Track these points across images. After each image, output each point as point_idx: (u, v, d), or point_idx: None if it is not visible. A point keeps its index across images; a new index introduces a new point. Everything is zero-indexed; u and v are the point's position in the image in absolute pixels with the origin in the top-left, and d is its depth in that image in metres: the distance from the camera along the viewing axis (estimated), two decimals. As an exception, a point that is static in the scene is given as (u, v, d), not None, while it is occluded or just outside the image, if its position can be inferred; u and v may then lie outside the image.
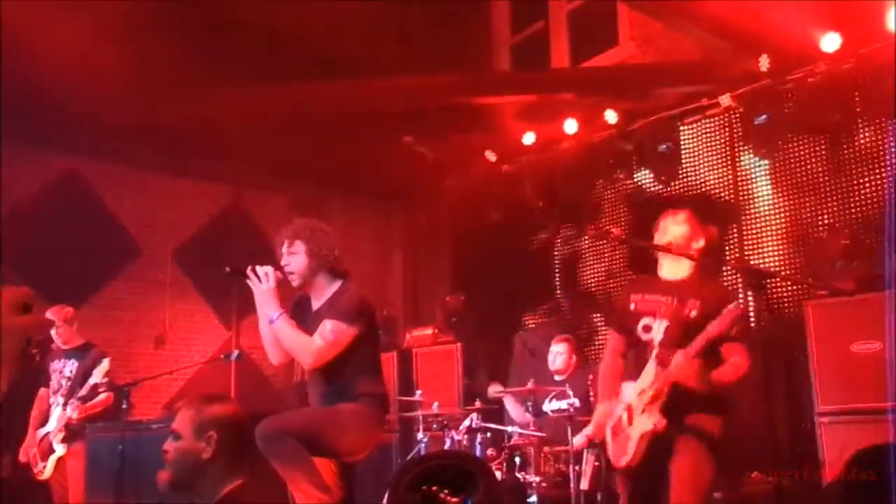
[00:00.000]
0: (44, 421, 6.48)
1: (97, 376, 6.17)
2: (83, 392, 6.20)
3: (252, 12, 7.27)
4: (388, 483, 5.71)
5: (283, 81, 7.77)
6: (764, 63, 6.59)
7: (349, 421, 4.11)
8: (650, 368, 3.90)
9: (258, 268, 4.25)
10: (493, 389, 7.06)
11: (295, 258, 4.28)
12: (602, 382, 4.27)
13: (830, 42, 6.30)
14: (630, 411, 3.94)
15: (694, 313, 3.91)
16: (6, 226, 7.84)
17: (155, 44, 6.73)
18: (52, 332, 6.58)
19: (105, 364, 6.22)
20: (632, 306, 4.11)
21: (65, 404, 6.32)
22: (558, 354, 6.89)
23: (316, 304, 4.36)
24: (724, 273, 6.73)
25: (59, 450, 6.29)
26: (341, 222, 9.39)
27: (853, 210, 6.43)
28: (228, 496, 2.83)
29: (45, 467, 6.35)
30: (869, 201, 6.35)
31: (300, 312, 4.40)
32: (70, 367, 6.50)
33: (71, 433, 6.30)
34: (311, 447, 4.00)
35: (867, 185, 6.39)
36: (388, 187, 9.54)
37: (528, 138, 8.29)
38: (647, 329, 4.01)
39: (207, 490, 2.85)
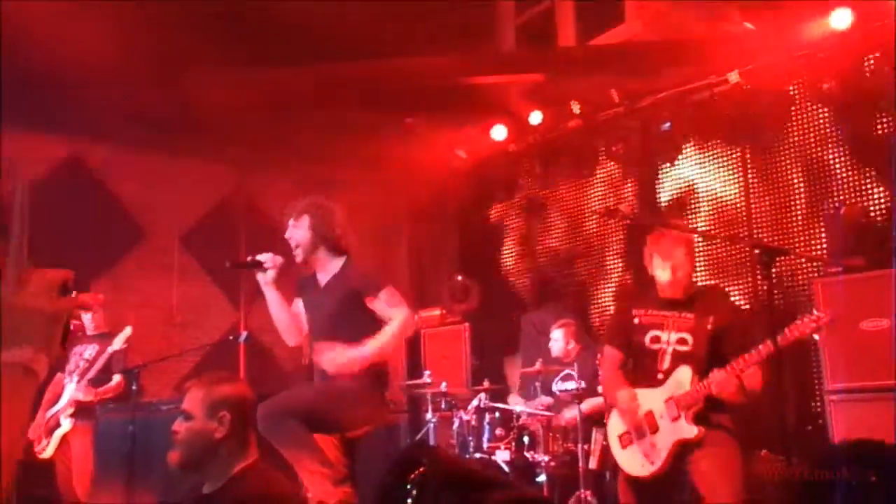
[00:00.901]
0: (54, 403, 6.50)
1: (117, 343, 6.19)
2: (100, 364, 6.22)
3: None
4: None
5: (287, 64, 7.73)
6: (773, 38, 6.53)
7: (348, 395, 4.15)
8: (682, 377, 3.89)
9: (259, 256, 4.35)
10: (513, 401, 7.03)
11: (298, 231, 4.38)
12: (607, 391, 4.28)
13: (841, 18, 6.23)
14: (653, 418, 3.93)
15: (709, 327, 3.96)
16: (11, 209, 7.86)
17: (159, 27, 6.70)
18: (87, 316, 6.63)
19: (127, 330, 6.24)
20: (636, 321, 4.11)
21: (79, 381, 6.33)
22: (555, 341, 6.88)
23: (323, 279, 4.41)
24: (736, 249, 6.72)
25: (66, 425, 6.27)
26: (346, 203, 9.36)
27: (866, 186, 6.38)
28: (239, 475, 2.84)
29: (47, 444, 6.31)
30: (880, 176, 6.30)
31: (306, 289, 4.46)
32: (90, 350, 6.51)
33: (79, 411, 6.30)
34: (313, 424, 4.03)
35: (879, 158, 6.34)
36: (393, 168, 9.50)
37: (535, 118, 8.23)
38: (656, 340, 4.03)
39: (218, 469, 2.85)
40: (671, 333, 3.98)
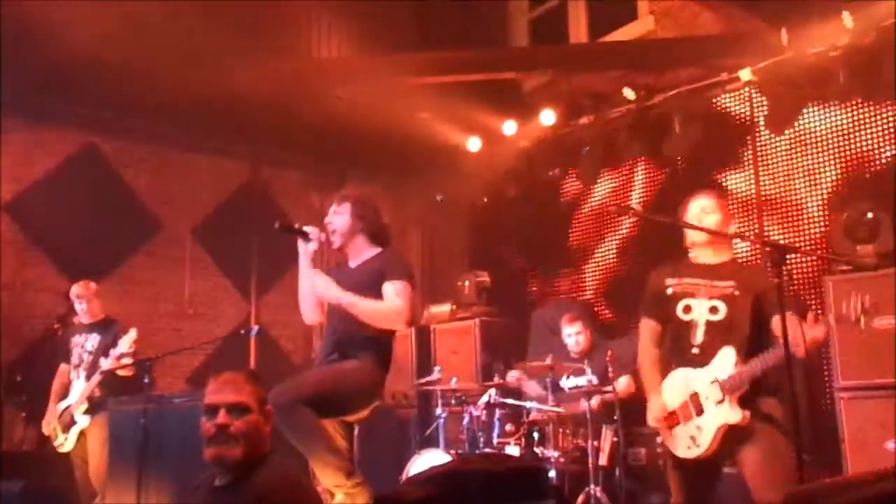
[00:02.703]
0: (64, 395, 6.52)
1: (124, 346, 6.12)
2: (107, 364, 6.17)
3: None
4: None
5: (299, 57, 7.76)
6: (785, 37, 6.52)
7: (352, 377, 4.20)
8: (726, 358, 3.81)
9: (305, 227, 4.41)
10: (512, 375, 7.04)
11: (339, 217, 4.46)
12: (646, 374, 4.16)
13: (848, 18, 6.21)
14: (698, 400, 3.87)
15: (737, 293, 3.87)
16: (28, 202, 7.91)
17: (174, 19, 6.73)
18: (79, 306, 6.60)
19: (132, 333, 6.19)
20: (668, 291, 4.04)
21: (87, 377, 6.35)
22: (572, 335, 6.87)
23: (353, 263, 4.48)
24: (746, 249, 6.71)
25: (82, 421, 6.32)
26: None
27: (876, 184, 6.36)
28: (254, 466, 2.82)
29: (66, 440, 6.40)
30: (893, 175, 6.29)
31: (336, 272, 4.50)
32: (92, 341, 6.51)
33: (93, 406, 6.34)
34: (321, 409, 4.06)
35: (891, 158, 6.33)
36: (405, 163, 9.52)
37: (547, 118, 8.21)
38: (688, 310, 3.96)
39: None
40: (702, 301, 3.91)
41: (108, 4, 6.12)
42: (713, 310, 3.90)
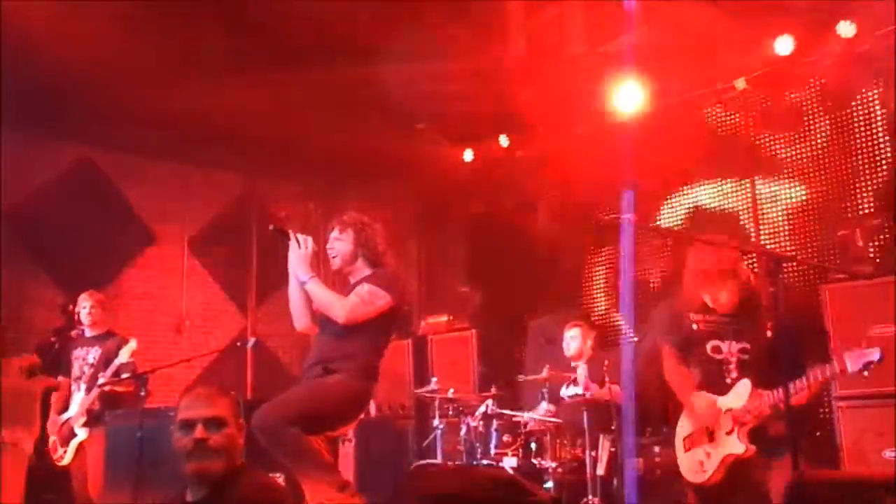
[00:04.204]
0: (64, 407, 6.50)
1: (123, 356, 6.17)
2: (107, 375, 6.19)
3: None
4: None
5: (295, 69, 7.74)
6: (780, 45, 6.54)
7: (336, 392, 4.19)
8: (742, 390, 3.85)
9: (299, 235, 4.42)
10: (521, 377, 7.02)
11: (341, 243, 4.51)
12: (679, 389, 4.16)
13: (846, 27, 6.24)
14: (711, 428, 3.90)
15: (767, 333, 3.96)
16: (23, 214, 7.90)
17: (168, 34, 6.73)
18: (84, 314, 6.60)
19: (132, 344, 6.23)
20: (694, 326, 4.07)
21: (87, 389, 6.34)
22: (572, 340, 6.85)
23: (353, 281, 4.50)
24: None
25: (81, 434, 6.31)
26: (355, 210, 9.37)
27: (872, 193, 6.36)
28: (228, 479, 2.78)
29: (65, 453, 6.37)
30: (889, 184, 6.28)
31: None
32: (93, 353, 6.51)
33: (92, 418, 6.32)
34: (308, 426, 4.05)
35: (886, 167, 6.33)
36: (402, 174, 9.52)
37: (541, 125, 8.23)
38: (717, 350, 4.01)
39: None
40: (732, 343, 3.97)
41: (96, 16, 6.12)
42: (743, 350, 3.97)
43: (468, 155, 8.93)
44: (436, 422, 7.01)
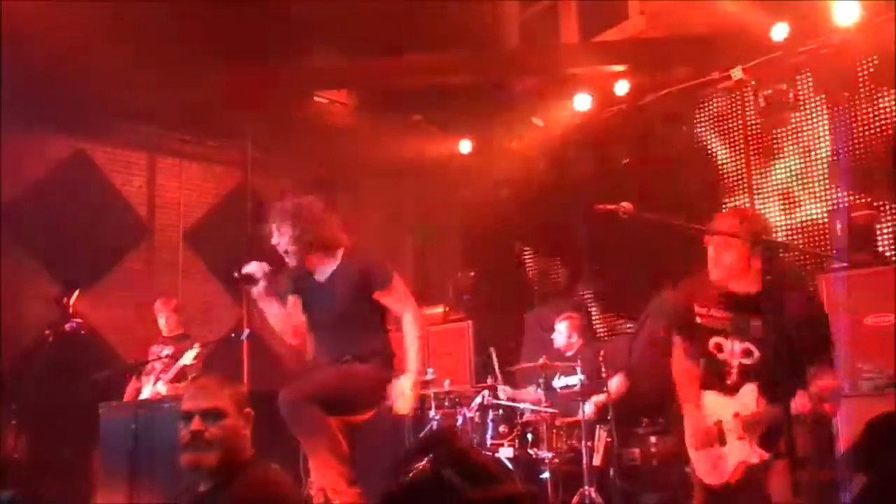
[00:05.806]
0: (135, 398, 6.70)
1: (187, 359, 6.37)
2: (169, 375, 6.43)
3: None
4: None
5: (293, 61, 7.73)
6: (776, 34, 6.52)
7: (363, 380, 4.22)
8: (749, 397, 3.78)
9: (246, 269, 4.28)
10: (503, 391, 6.95)
11: (283, 238, 4.30)
12: (681, 385, 4.06)
13: (847, 13, 6.20)
14: (722, 429, 3.82)
15: (775, 335, 3.71)
16: (17, 208, 7.86)
17: (164, 25, 6.70)
18: (162, 323, 7.00)
19: (196, 348, 6.42)
20: (697, 319, 3.96)
21: (154, 382, 6.55)
22: (559, 334, 6.87)
23: (321, 278, 4.39)
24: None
25: None
26: (350, 200, 9.38)
27: (874, 181, 6.34)
28: (239, 471, 2.78)
29: None
30: (886, 172, 6.27)
31: (304, 288, 4.43)
32: (168, 350, 6.73)
33: None
34: (329, 407, 4.04)
35: (884, 155, 6.31)
36: (398, 164, 9.50)
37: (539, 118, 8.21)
38: (719, 348, 3.89)
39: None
40: (735, 343, 3.85)
41: (90, 7, 6.08)
42: (746, 352, 3.84)
43: (465, 146, 8.92)
44: (432, 413, 6.99)
